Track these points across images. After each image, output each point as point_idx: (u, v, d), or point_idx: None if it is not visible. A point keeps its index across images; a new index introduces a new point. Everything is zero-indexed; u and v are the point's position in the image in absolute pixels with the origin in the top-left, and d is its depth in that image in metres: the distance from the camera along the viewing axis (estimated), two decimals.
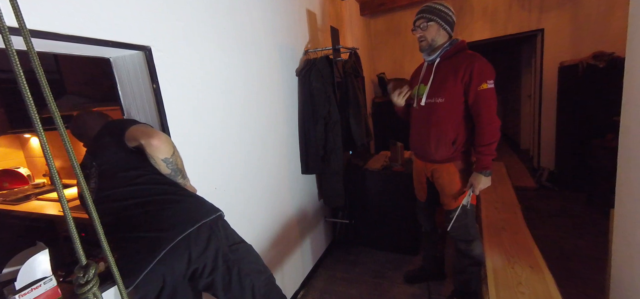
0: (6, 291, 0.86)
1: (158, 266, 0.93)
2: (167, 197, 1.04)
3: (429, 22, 1.59)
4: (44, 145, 0.50)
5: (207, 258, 1.02)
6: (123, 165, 1.06)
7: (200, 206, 1.09)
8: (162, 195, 1.04)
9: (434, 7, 1.59)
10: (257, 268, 1.15)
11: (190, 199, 1.09)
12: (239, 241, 1.14)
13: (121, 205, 1.01)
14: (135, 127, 1.08)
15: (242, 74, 1.70)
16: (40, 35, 0.85)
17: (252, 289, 1.09)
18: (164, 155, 1.05)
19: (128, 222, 0.99)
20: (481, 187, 1.58)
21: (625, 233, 1.23)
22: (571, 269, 2.19)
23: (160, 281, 0.96)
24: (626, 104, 1.18)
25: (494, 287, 1.36)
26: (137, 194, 1.02)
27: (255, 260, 1.16)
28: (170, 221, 0.99)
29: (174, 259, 0.96)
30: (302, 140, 2.31)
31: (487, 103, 1.51)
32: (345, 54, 2.64)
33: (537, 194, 3.57)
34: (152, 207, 1.01)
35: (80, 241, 0.55)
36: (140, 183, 1.04)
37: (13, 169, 2.65)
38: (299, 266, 2.27)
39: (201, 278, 1.03)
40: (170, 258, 0.95)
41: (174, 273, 0.97)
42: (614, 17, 3.25)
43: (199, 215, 1.05)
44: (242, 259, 1.10)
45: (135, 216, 0.99)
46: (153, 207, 1.01)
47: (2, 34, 0.46)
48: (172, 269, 0.97)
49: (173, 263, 0.96)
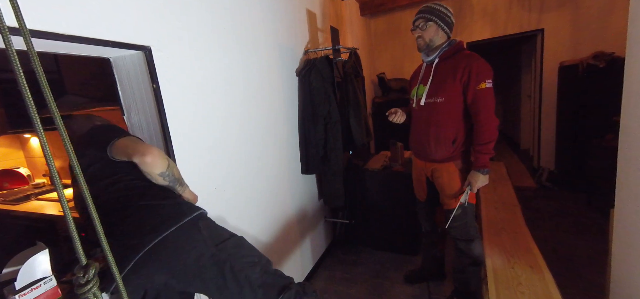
0: (6, 291, 0.86)
1: (132, 277, 0.89)
2: (141, 203, 0.99)
3: (428, 22, 1.60)
4: (44, 145, 0.50)
5: (187, 263, 0.96)
6: (99, 174, 1.05)
7: (176, 209, 1.03)
8: (137, 201, 1.00)
9: (434, 8, 1.60)
10: (250, 260, 1.06)
11: (165, 203, 1.03)
12: (227, 237, 1.07)
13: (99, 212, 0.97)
14: (124, 141, 1.05)
15: (242, 73, 1.70)
16: (40, 35, 0.85)
17: (249, 284, 1.00)
18: (159, 170, 1.03)
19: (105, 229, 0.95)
20: (479, 186, 1.59)
21: (625, 233, 1.23)
22: (571, 269, 2.19)
23: (141, 292, 0.94)
24: (626, 104, 1.18)
25: (494, 287, 1.36)
26: (112, 202, 1.00)
27: (248, 252, 1.08)
28: (140, 229, 0.94)
29: (149, 268, 0.91)
30: (302, 140, 2.31)
31: (485, 102, 1.52)
32: (345, 54, 2.64)
33: (537, 194, 3.57)
34: (120, 215, 0.97)
35: (80, 241, 0.55)
36: (117, 189, 1.02)
37: (13, 169, 2.64)
38: (299, 266, 2.27)
39: (187, 282, 0.98)
40: (143, 267, 0.91)
41: (153, 282, 0.94)
42: (614, 17, 3.25)
43: (171, 220, 0.99)
44: (233, 256, 1.02)
45: (111, 224, 0.95)
46: (122, 215, 0.97)
47: (2, 34, 0.46)
48: (151, 279, 0.93)
49: (149, 273, 0.92)
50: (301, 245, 2.30)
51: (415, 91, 1.76)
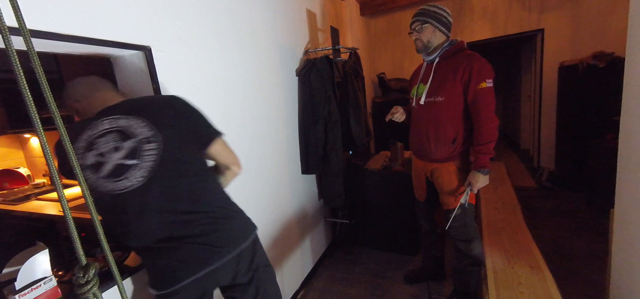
0: (6, 291, 0.86)
1: (203, 278, 0.95)
2: (223, 211, 1.02)
3: (424, 24, 1.61)
4: (44, 145, 0.50)
5: (245, 276, 1.05)
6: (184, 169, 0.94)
7: (247, 223, 1.11)
8: (218, 208, 1.01)
9: (428, 10, 1.61)
10: (277, 293, 1.19)
11: (239, 215, 1.09)
12: (268, 264, 1.17)
13: (176, 207, 0.92)
14: (223, 146, 1.04)
15: (242, 73, 1.70)
16: (40, 35, 0.84)
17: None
18: (234, 178, 1.13)
19: (181, 228, 0.93)
20: (479, 186, 1.59)
21: (625, 233, 1.23)
22: (571, 269, 2.19)
23: (199, 293, 0.97)
24: (626, 104, 1.18)
25: (494, 287, 1.36)
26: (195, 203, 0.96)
27: (276, 285, 1.20)
28: (224, 237, 0.99)
29: (220, 275, 0.99)
30: (302, 140, 2.31)
31: (485, 102, 1.52)
32: (345, 54, 2.64)
33: (537, 194, 3.57)
34: (208, 218, 0.97)
35: (80, 241, 0.55)
36: (200, 189, 0.97)
37: (13, 169, 2.64)
38: (299, 266, 2.27)
39: (233, 290, 1.07)
40: (218, 273, 0.97)
41: (213, 287, 1.00)
42: (614, 17, 3.25)
43: (247, 232, 1.07)
44: (268, 281, 1.14)
45: (190, 223, 0.94)
46: (209, 219, 0.97)
47: (2, 34, 0.46)
48: (215, 283, 1.00)
49: (218, 278, 0.99)
50: (301, 245, 2.30)
51: (415, 89, 1.76)
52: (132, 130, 0.88)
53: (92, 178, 0.86)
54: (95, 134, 0.87)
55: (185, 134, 0.94)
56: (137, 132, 0.88)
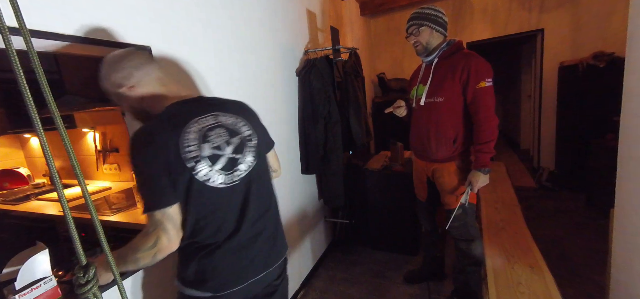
0: (6, 291, 0.86)
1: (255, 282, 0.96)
2: (278, 214, 1.10)
3: (420, 27, 1.61)
4: (44, 145, 0.50)
5: (274, 287, 1.06)
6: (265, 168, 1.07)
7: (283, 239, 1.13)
8: (276, 209, 1.10)
9: (423, 12, 1.61)
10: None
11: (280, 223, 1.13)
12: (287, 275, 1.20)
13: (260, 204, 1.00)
14: (274, 150, 1.15)
15: (242, 73, 1.70)
16: (40, 35, 0.84)
17: None
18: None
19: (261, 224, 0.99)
20: (480, 185, 1.59)
21: (625, 233, 1.23)
22: (571, 269, 2.19)
23: (245, 295, 0.96)
24: (626, 104, 1.18)
25: (494, 287, 1.36)
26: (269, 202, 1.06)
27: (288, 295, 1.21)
28: (280, 241, 1.06)
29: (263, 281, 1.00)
30: (302, 140, 2.31)
31: (485, 101, 1.52)
32: (345, 54, 2.64)
33: (537, 194, 3.57)
34: (274, 219, 1.06)
35: (80, 241, 0.55)
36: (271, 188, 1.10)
37: (13, 169, 2.64)
38: (298, 266, 2.27)
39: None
40: (268, 276, 1.00)
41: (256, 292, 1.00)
42: (614, 17, 3.25)
43: (286, 241, 1.12)
44: (286, 294, 1.15)
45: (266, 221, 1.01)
46: (274, 220, 1.06)
47: (2, 34, 0.46)
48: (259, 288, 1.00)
49: (262, 284, 1.00)
50: (301, 245, 2.30)
51: (415, 90, 1.76)
52: (236, 128, 0.94)
53: (204, 170, 0.84)
54: (205, 126, 0.87)
55: (262, 136, 1.04)
56: (241, 130, 0.95)
